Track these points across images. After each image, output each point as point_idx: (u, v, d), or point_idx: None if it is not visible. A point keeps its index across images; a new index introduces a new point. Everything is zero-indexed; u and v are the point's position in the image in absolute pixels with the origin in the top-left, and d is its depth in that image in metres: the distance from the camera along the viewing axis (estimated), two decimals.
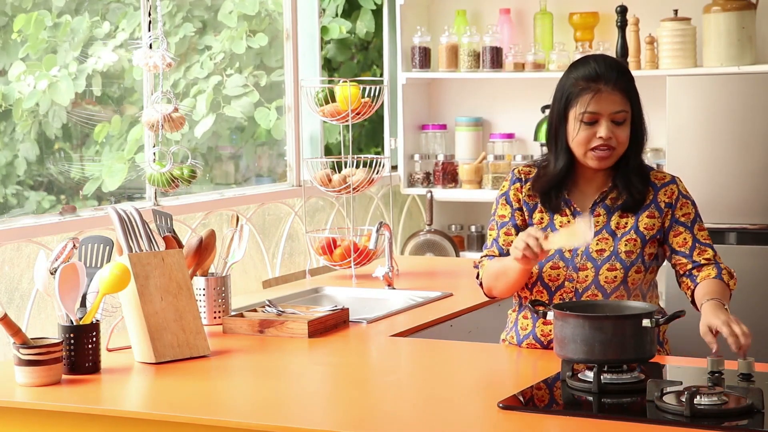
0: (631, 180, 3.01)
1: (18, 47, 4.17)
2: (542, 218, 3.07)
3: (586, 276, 3.00)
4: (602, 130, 2.95)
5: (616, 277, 2.99)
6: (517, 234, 3.07)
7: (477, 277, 3.16)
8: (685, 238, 3.02)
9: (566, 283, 3.02)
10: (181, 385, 2.83)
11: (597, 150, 2.96)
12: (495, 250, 3.12)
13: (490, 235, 3.15)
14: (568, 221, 3.03)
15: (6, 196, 4.11)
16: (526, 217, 3.10)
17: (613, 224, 3.02)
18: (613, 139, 2.96)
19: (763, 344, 4.54)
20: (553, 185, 3.04)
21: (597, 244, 3.01)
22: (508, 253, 3.07)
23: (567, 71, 3.03)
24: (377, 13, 5.73)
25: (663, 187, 3.05)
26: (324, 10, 5.58)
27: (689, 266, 3.01)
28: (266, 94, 4.99)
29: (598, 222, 3.01)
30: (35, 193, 4.21)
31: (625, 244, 3.00)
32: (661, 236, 3.04)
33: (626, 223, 3.02)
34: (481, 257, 3.16)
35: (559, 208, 3.05)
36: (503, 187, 3.15)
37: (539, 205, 3.08)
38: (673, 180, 3.07)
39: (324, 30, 5.45)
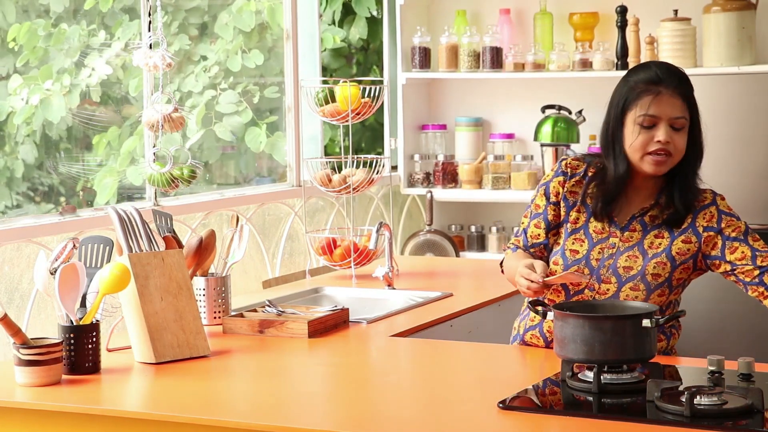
0: (688, 198, 2.95)
1: (14, 56, 4.17)
2: (578, 218, 3.03)
3: (608, 289, 2.96)
4: (660, 134, 2.89)
5: (637, 297, 2.93)
6: (546, 228, 3.06)
7: (501, 264, 3.14)
8: (743, 252, 2.94)
9: (586, 290, 2.99)
10: (181, 385, 2.83)
11: (654, 154, 2.90)
12: (521, 241, 3.11)
13: (523, 222, 3.13)
14: (603, 228, 2.99)
15: (6, 205, 4.11)
16: (562, 213, 3.04)
17: (646, 243, 2.96)
18: (671, 144, 2.90)
19: (763, 344, 4.55)
20: (618, 192, 2.97)
21: (626, 260, 2.95)
22: (533, 246, 3.07)
23: (626, 76, 2.98)
24: (371, 20, 5.73)
25: (702, 211, 2.98)
26: (321, 16, 5.58)
27: (756, 272, 2.93)
28: (259, 110, 4.99)
29: (588, 277, 2.96)
30: (35, 206, 4.20)
31: (654, 267, 2.94)
32: (697, 260, 2.97)
33: (660, 244, 2.95)
34: (510, 243, 3.15)
35: (599, 214, 3.00)
36: (547, 176, 3.09)
37: (578, 204, 3.03)
38: (714, 201, 3.00)
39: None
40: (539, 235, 3.07)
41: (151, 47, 3.85)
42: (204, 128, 4.77)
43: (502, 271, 3.13)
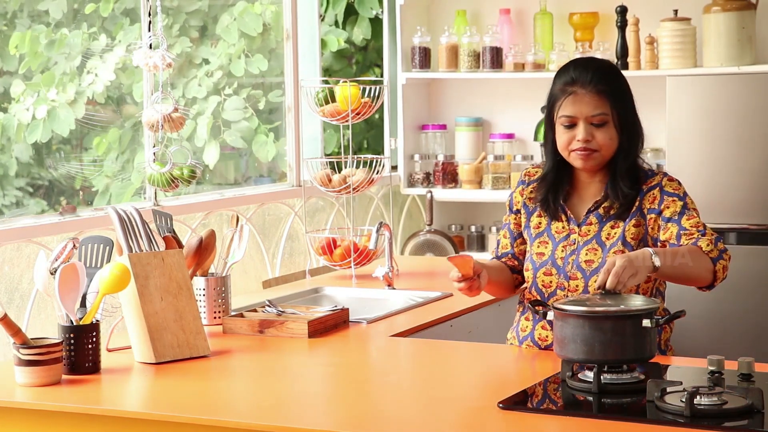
0: (619, 185, 2.98)
1: (16, 63, 4.15)
2: (540, 222, 3.09)
3: (577, 285, 2.99)
4: (579, 133, 2.95)
5: None
6: (511, 238, 3.16)
7: None
8: (672, 232, 2.94)
9: (558, 291, 3.02)
10: (181, 385, 2.83)
11: (578, 151, 2.96)
12: (495, 252, 3.21)
13: (498, 234, 3.23)
14: (563, 227, 3.04)
15: (4, 202, 4.09)
16: (523, 221, 3.12)
17: (603, 234, 3.00)
18: (593, 141, 2.95)
19: (763, 344, 4.55)
20: (548, 190, 3.05)
21: (586, 254, 3.00)
22: (503, 256, 3.18)
23: (554, 77, 3.05)
24: (375, 20, 5.73)
25: (648, 192, 3.00)
26: (322, 17, 5.58)
27: None
28: (265, 116, 4.99)
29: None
30: (34, 201, 4.20)
31: (613, 256, 2.94)
32: (647, 242, 2.99)
33: (615, 234, 2.99)
34: (491, 255, 3.24)
35: (557, 215, 3.06)
36: (513, 189, 3.19)
37: (539, 209, 3.09)
38: (659, 183, 3.00)
39: (322, 43, 5.47)
40: (507, 245, 3.17)
41: (151, 47, 3.85)
42: (213, 138, 4.78)
43: None
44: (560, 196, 3.05)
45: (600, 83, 2.95)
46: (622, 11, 5.16)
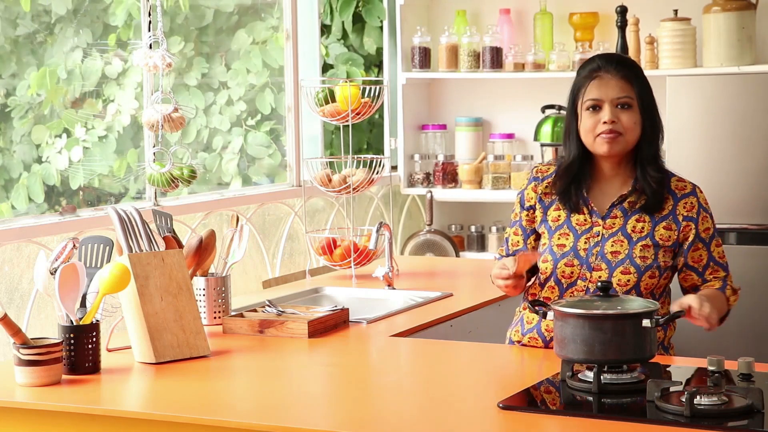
0: (648, 173, 3.01)
1: (38, 107, 4.13)
2: (559, 216, 3.09)
3: (600, 276, 3.00)
4: (605, 115, 2.98)
5: (629, 280, 2.98)
6: (523, 235, 3.15)
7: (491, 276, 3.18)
8: (701, 255, 3.03)
9: (579, 281, 3.02)
10: (181, 385, 2.83)
11: (603, 135, 2.98)
12: (504, 250, 3.20)
13: (506, 232, 3.23)
14: (585, 219, 3.04)
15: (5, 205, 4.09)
16: (539, 216, 3.11)
17: (629, 228, 3.01)
18: (618, 123, 2.97)
19: (763, 344, 4.56)
20: (569, 181, 3.05)
21: (612, 245, 3.00)
22: (514, 253, 3.15)
23: (577, 71, 3.10)
24: (382, 28, 5.72)
25: (683, 198, 3.03)
26: (329, 27, 5.57)
27: (698, 282, 3.04)
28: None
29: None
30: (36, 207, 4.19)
31: (641, 249, 2.99)
32: (676, 248, 3.03)
33: (642, 228, 3.01)
34: (497, 254, 3.25)
35: (578, 207, 3.06)
36: (523, 185, 3.20)
37: (556, 202, 3.09)
38: (693, 191, 3.05)
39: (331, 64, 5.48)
40: (518, 242, 3.17)
41: (151, 47, 3.85)
42: (240, 175, 4.80)
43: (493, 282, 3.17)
44: (582, 188, 3.06)
45: (624, 69, 3.02)
46: (622, 11, 5.16)
